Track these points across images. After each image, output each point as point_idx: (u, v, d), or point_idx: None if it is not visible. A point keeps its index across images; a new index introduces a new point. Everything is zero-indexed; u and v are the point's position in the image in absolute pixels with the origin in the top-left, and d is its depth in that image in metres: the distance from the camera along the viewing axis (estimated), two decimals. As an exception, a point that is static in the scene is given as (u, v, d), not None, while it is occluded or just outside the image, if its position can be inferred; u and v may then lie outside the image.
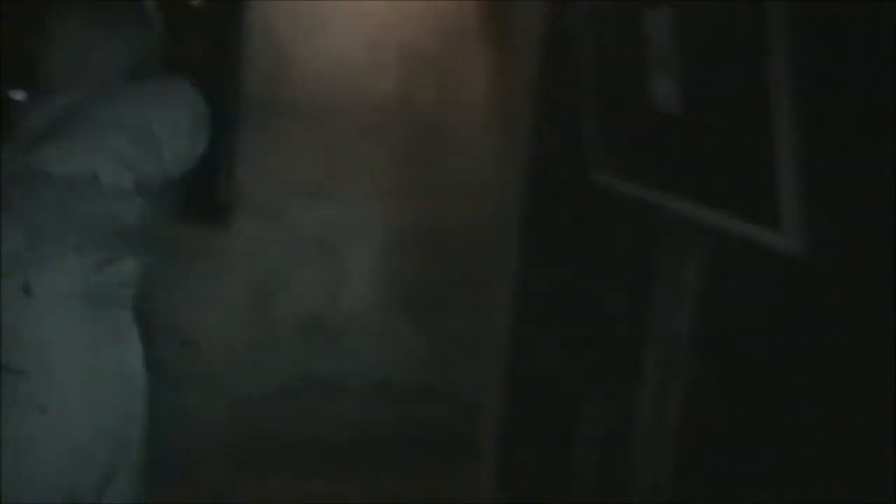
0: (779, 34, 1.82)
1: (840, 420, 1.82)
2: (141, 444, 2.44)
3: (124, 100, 2.28)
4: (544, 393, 2.97)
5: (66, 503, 2.30)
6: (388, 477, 4.46)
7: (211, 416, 4.43)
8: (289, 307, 4.57)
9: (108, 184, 2.21)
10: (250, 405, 4.53)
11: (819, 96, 1.83)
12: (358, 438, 4.63)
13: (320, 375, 4.61)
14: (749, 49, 1.90)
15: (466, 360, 4.40)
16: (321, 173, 4.54)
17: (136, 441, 2.42)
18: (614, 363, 2.58)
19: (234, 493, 4.27)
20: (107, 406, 2.34)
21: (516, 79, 3.33)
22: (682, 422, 2.29)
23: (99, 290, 2.29)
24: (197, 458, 4.23)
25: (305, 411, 4.61)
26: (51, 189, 2.18)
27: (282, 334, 4.57)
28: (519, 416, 3.15)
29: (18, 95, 2.41)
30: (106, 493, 2.36)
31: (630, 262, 2.52)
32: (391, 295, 4.66)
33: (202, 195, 4.25)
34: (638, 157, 2.39)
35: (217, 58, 4.41)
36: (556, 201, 2.88)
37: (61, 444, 2.28)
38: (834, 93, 1.82)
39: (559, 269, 2.89)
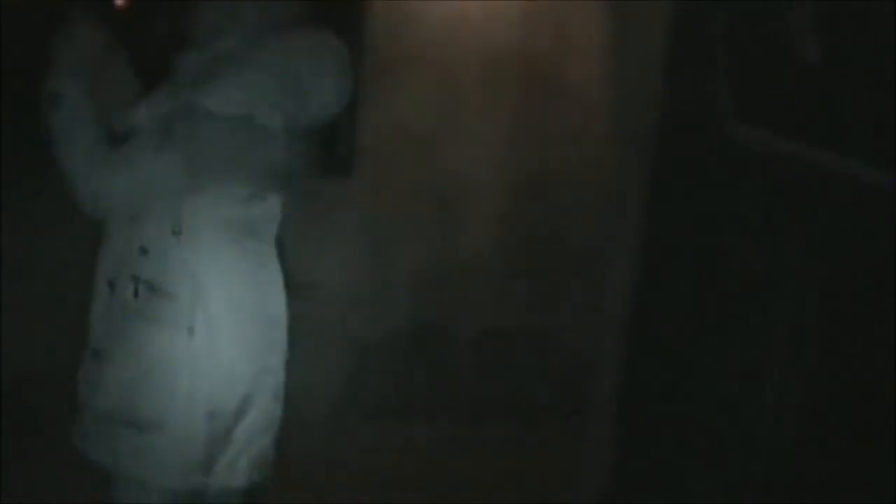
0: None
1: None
2: (280, 372, 2.54)
3: (277, 48, 2.39)
4: (665, 345, 2.98)
5: (205, 423, 2.42)
6: (497, 425, 4.53)
7: (325, 361, 4.52)
8: (406, 256, 4.64)
9: (261, 124, 2.33)
10: (366, 350, 4.62)
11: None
12: (466, 387, 4.69)
13: (434, 323, 4.68)
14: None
15: (583, 310, 4.42)
16: (439, 124, 4.59)
17: (275, 368, 2.53)
18: (741, 312, 2.59)
19: (346, 436, 4.38)
20: (250, 332, 2.46)
21: (641, 30, 3.31)
22: (811, 388, 2.30)
23: (246, 222, 2.43)
24: (309, 401, 4.33)
25: (418, 359, 4.68)
26: (210, 125, 2.31)
27: (398, 282, 4.65)
28: (637, 368, 3.16)
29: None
30: (244, 417, 2.47)
31: (762, 216, 2.53)
32: (508, 244, 4.70)
33: (325, 143, 4.33)
34: (776, 107, 2.41)
35: (341, 10, 4.47)
36: (686, 151, 2.90)
37: (206, 365, 2.40)
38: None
39: (685, 224, 2.90)
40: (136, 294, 2.38)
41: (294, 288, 2.62)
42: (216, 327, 2.39)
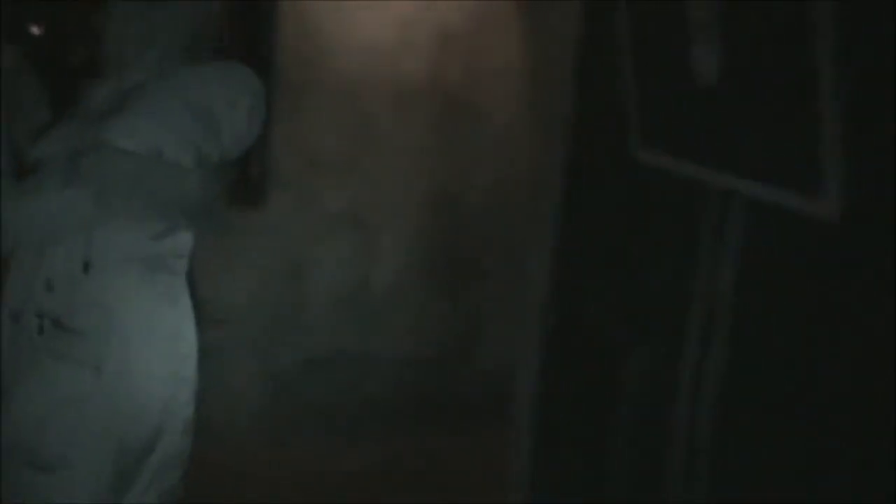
0: (822, 5, 1.88)
1: (876, 381, 1.88)
2: (190, 406, 2.52)
3: (188, 80, 2.37)
4: (580, 358, 3.02)
5: (113, 460, 2.38)
6: (418, 444, 4.53)
7: (243, 387, 4.50)
8: (320, 281, 4.64)
9: (171, 160, 2.31)
10: (282, 376, 4.60)
11: (862, 64, 1.88)
12: (388, 409, 4.70)
13: (353, 348, 4.68)
14: (792, 18, 1.95)
15: (499, 328, 4.46)
16: (352, 149, 4.60)
17: (185, 403, 2.50)
18: (651, 329, 2.63)
19: (266, 458, 4.35)
20: (160, 368, 2.42)
21: (551, 55, 3.35)
22: (723, 388, 2.35)
23: (157, 257, 2.40)
24: (229, 426, 4.30)
25: (336, 383, 4.67)
26: (118, 160, 2.28)
27: (314, 308, 4.64)
28: (553, 382, 3.19)
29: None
30: (152, 452, 2.44)
31: (670, 230, 2.57)
32: (422, 267, 4.71)
33: (238, 172, 4.30)
34: (678, 130, 2.45)
35: (249, 37, 4.46)
36: (595, 170, 2.93)
37: (114, 401, 2.36)
38: (877, 59, 1.87)
39: (596, 237, 2.94)
40: (40, 330, 2.34)
41: (207, 319, 2.60)
42: (125, 364, 2.35)
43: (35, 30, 3.58)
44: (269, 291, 4.59)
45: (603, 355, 2.86)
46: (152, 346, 2.40)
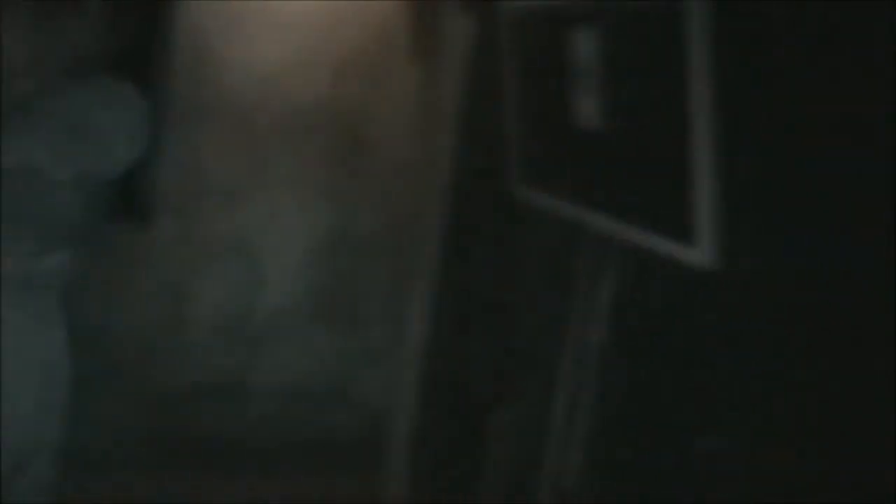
0: (698, 52, 1.91)
1: (747, 427, 1.90)
2: (57, 434, 2.45)
3: (70, 99, 2.33)
4: (455, 401, 3.01)
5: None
6: (293, 480, 4.47)
7: (122, 416, 4.41)
8: (204, 309, 4.57)
9: (49, 178, 2.25)
10: (162, 406, 4.52)
11: (735, 113, 1.91)
12: (267, 442, 4.64)
13: (232, 378, 4.62)
14: (669, 67, 1.98)
15: (380, 366, 4.44)
16: (242, 176, 4.54)
17: (52, 431, 2.43)
18: (527, 373, 2.64)
19: (143, 490, 4.26)
20: (26, 393, 2.36)
21: (441, 89, 3.37)
22: (592, 431, 2.36)
23: (31, 278, 2.33)
24: (104, 457, 4.21)
25: (215, 414, 4.60)
26: None
27: (196, 336, 4.57)
28: (429, 424, 3.19)
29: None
30: (15, 482, 2.37)
31: (547, 274, 2.58)
32: (307, 300, 4.67)
33: (122, 193, 4.24)
34: (557, 171, 2.46)
35: (143, 58, 4.40)
36: (476, 211, 2.94)
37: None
38: (750, 109, 1.90)
39: (475, 279, 2.94)
40: None
41: (85, 342, 2.54)
42: None
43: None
44: (150, 317, 4.50)
45: (475, 404, 2.85)
46: (21, 371, 2.34)
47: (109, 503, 3.95)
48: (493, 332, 2.81)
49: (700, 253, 1.99)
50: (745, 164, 1.91)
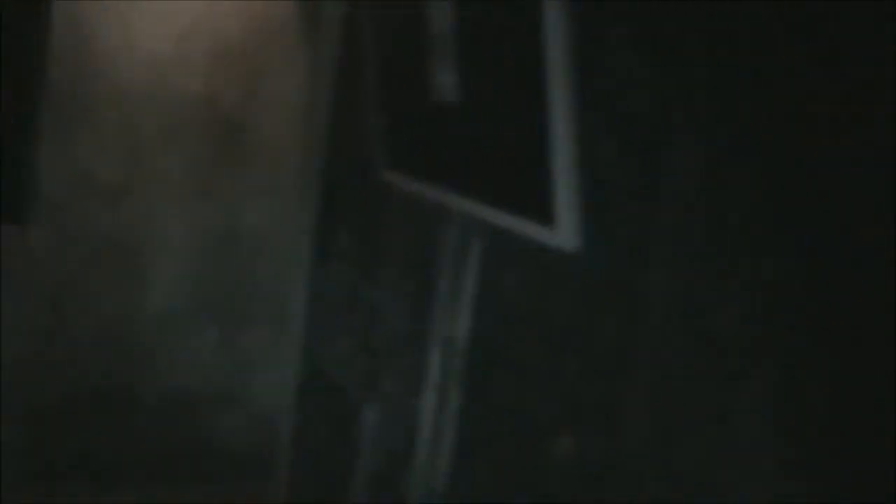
0: (554, 21, 1.78)
1: (618, 420, 1.78)
2: None
3: None
4: (331, 400, 2.89)
5: None
6: (177, 494, 4.33)
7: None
8: (86, 311, 4.38)
9: None
10: (42, 413, 4.33)
11: (597, 92, 1.79)
12: (153, 449, 4.48)
13: (115, 382, 4.44)
14: (524, 37, 1.85)
15: (264, 368, 4.30)
16: (124, 172, 4.37)
17: None
18: (398, 368, 2.51)
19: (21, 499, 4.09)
20: None
21: (318, 76, 3.25)
22: (461, 425, 2.24)
23: None
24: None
25: (98, 421, 4.43)
26: None
27: (77, 339, 4.38)
28: (309, 425, 3.07)
29: None
30: None
31: (412, 264, 2.45)
32: (191, 301, 4.51)
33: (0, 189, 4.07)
34: (418, 151, 2.32)
35: (18, 47, 4.21)
36: (347, 201, 2.81)
37: None
38: (612, 89, 1.78)
39: (345, 274, 2.81)
40: None
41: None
42: None
43: None
44: (29, 320, 4.30)
45: (348, 404, 2.74)
46: None
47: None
48: (359, 330, 2.68)
49: (559, 235, 1.85)
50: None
